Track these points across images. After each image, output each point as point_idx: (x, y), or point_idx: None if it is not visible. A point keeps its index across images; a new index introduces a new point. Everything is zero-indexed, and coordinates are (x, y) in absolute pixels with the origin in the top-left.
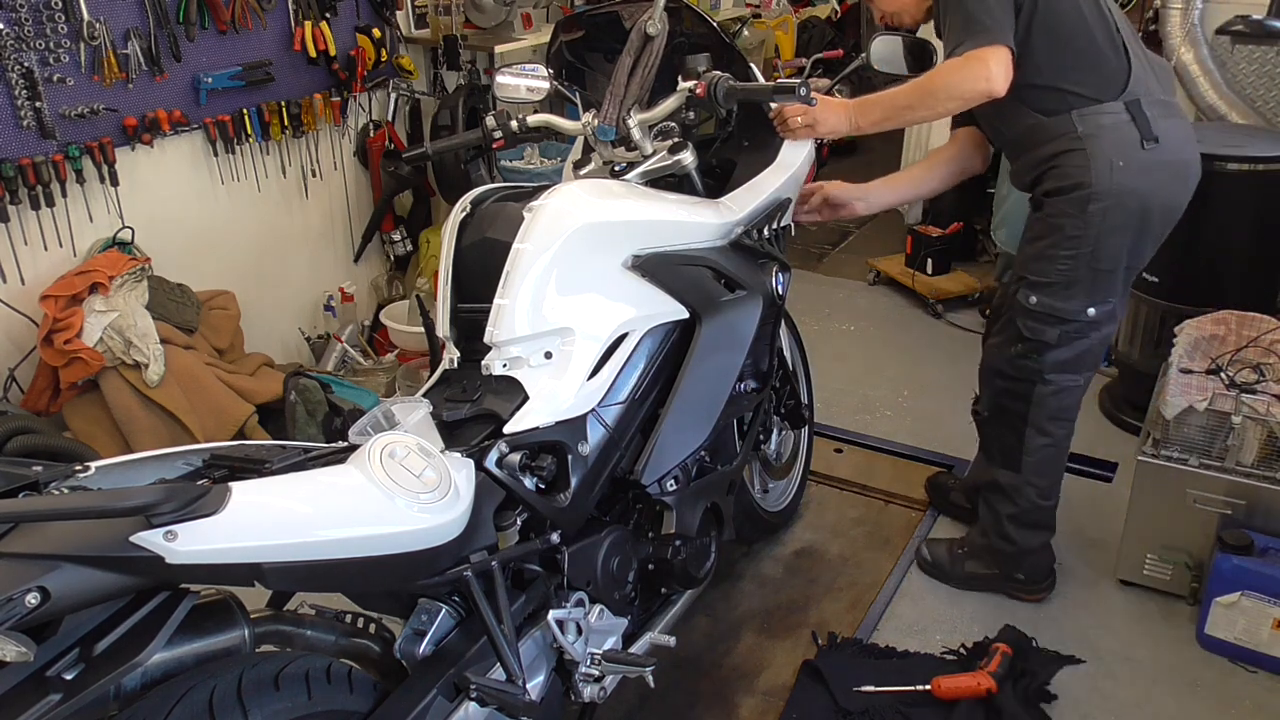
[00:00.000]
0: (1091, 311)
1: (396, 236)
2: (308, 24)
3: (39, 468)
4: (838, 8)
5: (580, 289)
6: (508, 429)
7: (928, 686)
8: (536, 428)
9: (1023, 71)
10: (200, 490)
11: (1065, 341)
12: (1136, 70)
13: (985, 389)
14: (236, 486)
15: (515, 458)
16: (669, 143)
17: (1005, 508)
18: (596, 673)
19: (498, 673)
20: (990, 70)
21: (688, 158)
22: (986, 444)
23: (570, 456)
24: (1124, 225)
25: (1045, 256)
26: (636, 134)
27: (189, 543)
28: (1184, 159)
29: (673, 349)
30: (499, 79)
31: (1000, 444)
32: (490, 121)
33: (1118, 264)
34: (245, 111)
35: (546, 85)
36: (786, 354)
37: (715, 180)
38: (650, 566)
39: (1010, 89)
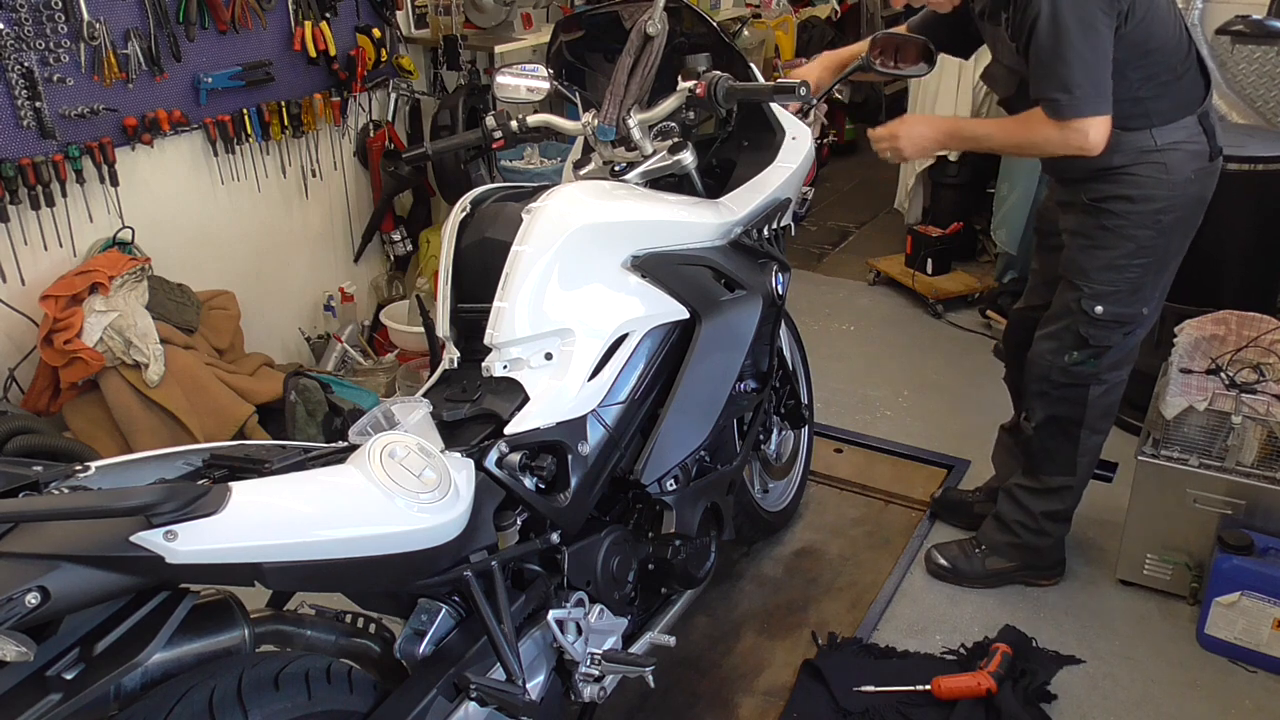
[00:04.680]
0: (1146, 310)
1: (396, 236)
2: (308, 24)
3: (39, 468)
4: (838, 8)
5: (580, 290)
6: (508, 430)
7: (928, 686)
8: (537, 428)
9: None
10: (200, 490)
11: (1121, 341)
12: (1211, 87)
13: (1036, 400)
14: (237, 486)
15: (515, 458)
16: (669, 143)
17: (1049, 505)
18: (596, 673)
19: (498, 673)
20: (1089, 140)
21: (688, 158)
22: (1034, 453)
23: (570, 456)
24: (1189, 228)
25: (1114, 267)
26: (636, 134)
27: (189, 542)
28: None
29: (672, 349)
30: (499, 79)
31: (1052, 452)
32: (490, 121)
33: (1178, 262)
34: (245, 111)
35: (546, 85)
36: (786, 354)
37: (715, 180)
38: (650, 566)
39: None
